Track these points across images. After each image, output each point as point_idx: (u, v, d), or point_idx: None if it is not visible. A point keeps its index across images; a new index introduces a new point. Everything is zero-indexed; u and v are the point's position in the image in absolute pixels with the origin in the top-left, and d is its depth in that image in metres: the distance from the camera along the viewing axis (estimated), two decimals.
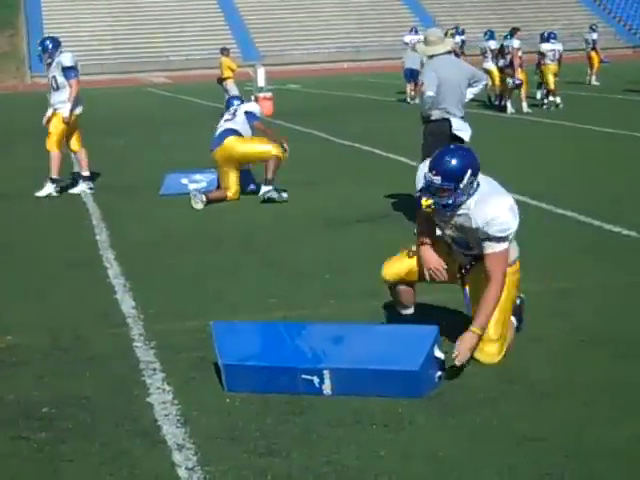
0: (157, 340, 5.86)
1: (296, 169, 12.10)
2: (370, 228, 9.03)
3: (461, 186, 5.04)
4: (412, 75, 24.35)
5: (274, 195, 10.67)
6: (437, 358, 4.87)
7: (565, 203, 9.67)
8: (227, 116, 11.21)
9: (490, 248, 5.08)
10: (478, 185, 5.13)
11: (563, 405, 4.62)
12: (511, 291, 5.27)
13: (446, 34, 26.29)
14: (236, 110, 11.14)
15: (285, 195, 10.70)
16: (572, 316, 6.03)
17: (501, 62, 21.74)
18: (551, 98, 22.14)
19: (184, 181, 11.65)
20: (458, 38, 27.21)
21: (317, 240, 8.68)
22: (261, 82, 24.63)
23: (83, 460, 4.22)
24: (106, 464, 4.17)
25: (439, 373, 4.91)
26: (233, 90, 23.20)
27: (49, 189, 11.73)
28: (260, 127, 11.02)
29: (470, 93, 9.42)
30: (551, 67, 22.17)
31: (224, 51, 24.23)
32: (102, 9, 59.94)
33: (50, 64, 11.64)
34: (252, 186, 11.31)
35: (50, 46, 11.68)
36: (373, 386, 4.75)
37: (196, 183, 11.56)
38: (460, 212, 5.14)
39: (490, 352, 5.20)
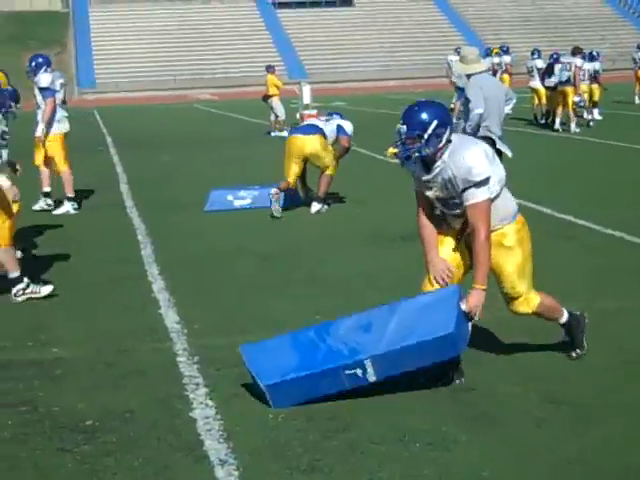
0: (201, 355, 5.87)
1: (342, 186, 12.11)
2: (415, 245, 8.96)
3: (425, 136, 5.07)
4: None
5: (324, 211, 11.19)
6: (465, 313, 4.97)
7: (613, 223, 9.56)
8: (322, 117, 11.78)
9: (470, 198, 5.06)
10: (450, 141, 5.16)
11: (609, 427, 4.55)
12: (525, 247, 5.28)
13: (491, 52, 26.25)
14: (332, 118, 11.57)
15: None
16: (619, 337, 5.96)
17: (553, 80, 21.62)
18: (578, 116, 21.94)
19: (229, 197, 11.71)
20: (508, 58, 27.13)
21: (363, 257, 8.66)
22: (307, 99, 24.71)
23: (126, 474, 4.23)
24: (149, 478, 4.18)
25: (470, 324, 5.00)
26: (279, 108, 23.27)
27: (67, 207, 11.96)
28: (344, 143, 11.44)
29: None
30: (580, 87, 21.96)
31: (269, 69, 24.32)
32: (149, 27, 60.62)
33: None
34: (297, 200, 11.42)
35: (33, 64, 11.80)
36: (415, 360, 4.80)
37: (241, 200, 11.61)
38: (437, 169, 5.16)
39: (520, 303, 5.33)
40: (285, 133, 23.18)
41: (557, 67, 21.75)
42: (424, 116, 5.12)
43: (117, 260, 8.86)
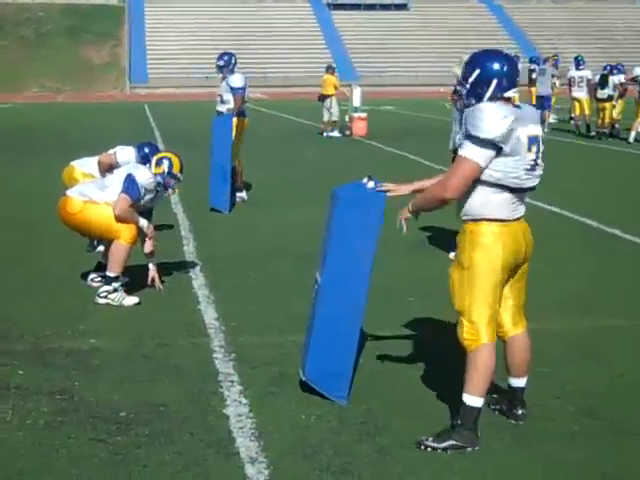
0: (237, 353, 5.88)
1: None
2: None
3: (470, 80, 4.46)
4: (543, 103, 23.89)
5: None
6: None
7: None
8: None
9: (460, 150, 4.43)
10: (497, 99, 4.40)
11: None
12: (467, 259, 4.51)
13: (547, 59, 25.98)
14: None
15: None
16: None
17: (606, 91, 21.49)
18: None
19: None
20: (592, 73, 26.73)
21: (403, 262, 8.63)
22: (356, 102, 24.67)
23: (156, 467, 4.25)
24: (179, 472, 4.20)
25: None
26: (335, 108, 23.26)
27: None
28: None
29: None
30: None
31: (330, 69, 24.46)
32: (203, 24, 60.99)
33: None
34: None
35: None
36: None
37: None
38: None
39: (460, 323, 4.52)
40: (336, 133, 23.25)
41: (611, 79, 21.59)
42: (469, 61, 4.55)
43: (159, 255, 8.87)
